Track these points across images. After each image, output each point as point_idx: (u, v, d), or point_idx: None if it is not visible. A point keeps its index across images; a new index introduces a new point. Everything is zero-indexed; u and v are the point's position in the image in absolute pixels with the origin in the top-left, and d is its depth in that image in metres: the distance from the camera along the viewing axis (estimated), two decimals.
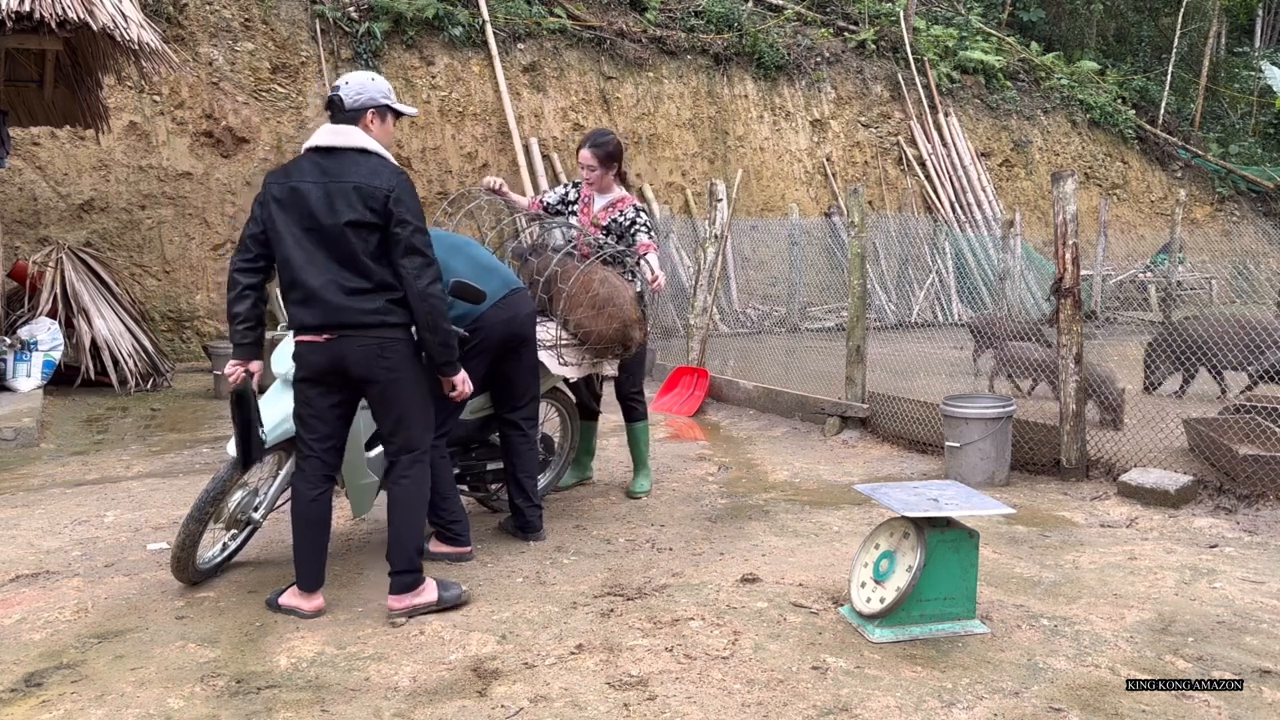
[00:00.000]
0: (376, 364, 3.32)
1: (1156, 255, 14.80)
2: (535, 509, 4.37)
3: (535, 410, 4.42)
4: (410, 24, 12.04)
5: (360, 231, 3.26)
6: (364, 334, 3.29)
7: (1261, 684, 2.96)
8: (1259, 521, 4.54)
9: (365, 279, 3.28)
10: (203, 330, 10.40)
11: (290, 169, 3.40)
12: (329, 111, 3.48)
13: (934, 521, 3.28)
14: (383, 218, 3.27)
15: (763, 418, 7.37)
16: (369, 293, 3.29)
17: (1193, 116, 20.82)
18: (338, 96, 3.45)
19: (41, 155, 9.87)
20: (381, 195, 3.26)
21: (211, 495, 3.59)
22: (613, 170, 4.91)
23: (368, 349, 3.30)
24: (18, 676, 3.02)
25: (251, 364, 3.45)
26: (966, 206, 15.45)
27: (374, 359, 3.31)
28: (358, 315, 3.28)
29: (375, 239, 3.28)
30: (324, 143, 3.36)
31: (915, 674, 3.01)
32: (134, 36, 6.72)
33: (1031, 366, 7.01)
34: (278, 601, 3.53)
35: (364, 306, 3.28)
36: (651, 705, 2.80)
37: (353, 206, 3.25)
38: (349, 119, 3.45)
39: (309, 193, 3.29)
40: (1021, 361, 7.12)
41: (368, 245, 3.28)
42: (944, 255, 14.33)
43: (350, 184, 3.27)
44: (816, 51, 15.66)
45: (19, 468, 5.83)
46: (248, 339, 3.42)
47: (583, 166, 4.87)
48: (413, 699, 2.86)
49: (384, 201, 3.26)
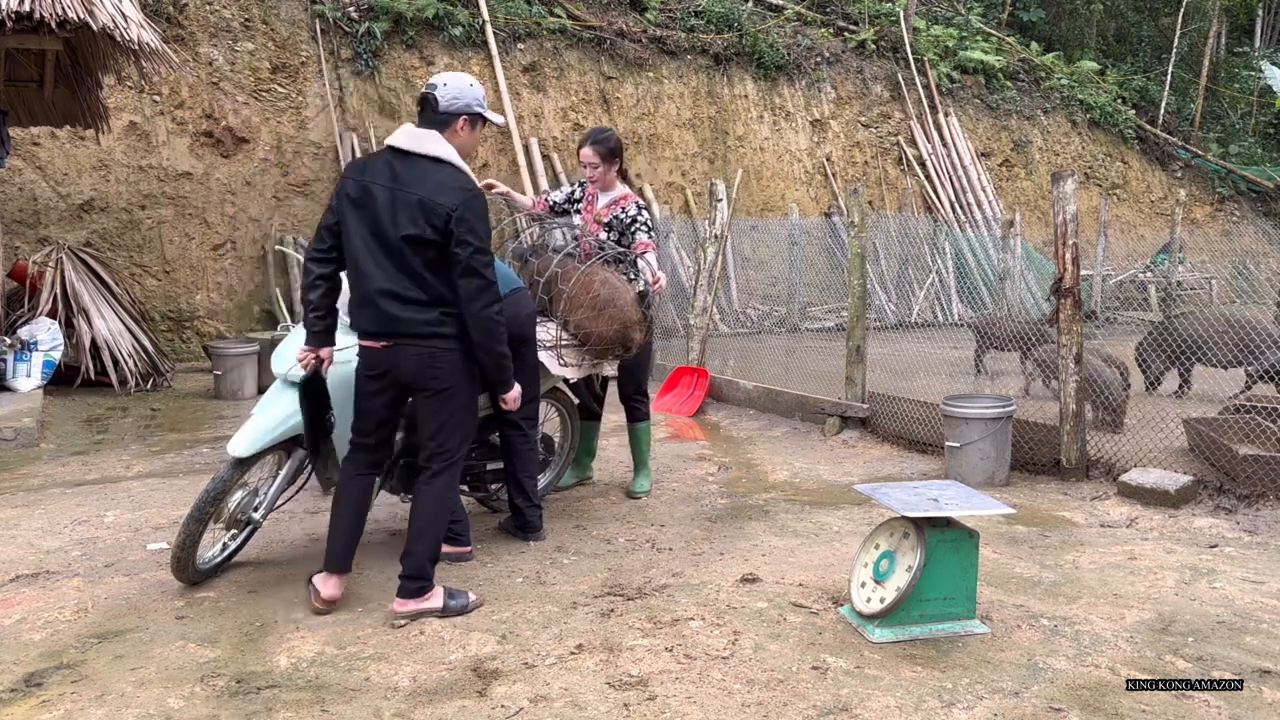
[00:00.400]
0: (426, 373, 3.34)
1: (1156, 255, 14.80)
2: (535, 509, 4.37)
3: (535, 410, 4.42)
4: (410, 24, 12.04)
5: (418, 246, 3.25)
6: (417, 344, 3.31)
7: (1261, 684, 2.96)
8: (1259, 521, 4.54)
9: (421, 290, 3.28)
10: (203, 330, 10.39)
11: (367, 166, 3.39)
12: (419, 109, 3.46)
13: (934, 521, 3.28)
14: (443, 235, 3.24)
15: (763, 418, 7.37)
16: (424, 304, 3.29)
17: (1193, 116, 20.82)
18: (432, 96, 3.41)
19: (41, 155, 9.87)
20: (444, 213, 3.23)
21: (212, 495, 3.59)
22: (615, 167, 4.91)
23: (419, 359, 3.33)
24: (18, 676, 3.02)
25: (322, 350, 3.50)
26: (966, 206, 15.45)
27: (424, 369, 3.34)
28: (411, 325, 3.29)
29: (434, 254, 3.27)
30: (402, 144, 3.34)
31: (915, 674, 3.01)
32: (134, 36, 6.72)
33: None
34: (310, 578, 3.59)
35: (418, 317, 3.29)
36: (651, 705, 2.81)
37: (414, 221, 3.23)
38: (440, 122, 3.41)
39: (377, 196, 3.29)
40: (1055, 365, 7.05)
41: (425, 259, 3.27)
42: (944, 255, 14.34)
43: (415, 196, 3.25)
44: (816, 51, 15.66)
45: (19, 468, 5.83)
46: (318, 326, 3.46)
47: (585, 165, 4.87)
48: (413, 699, 2.86)
49: (445, 220, 3.23)
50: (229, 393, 8.19)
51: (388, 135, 11.33)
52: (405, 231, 3.23)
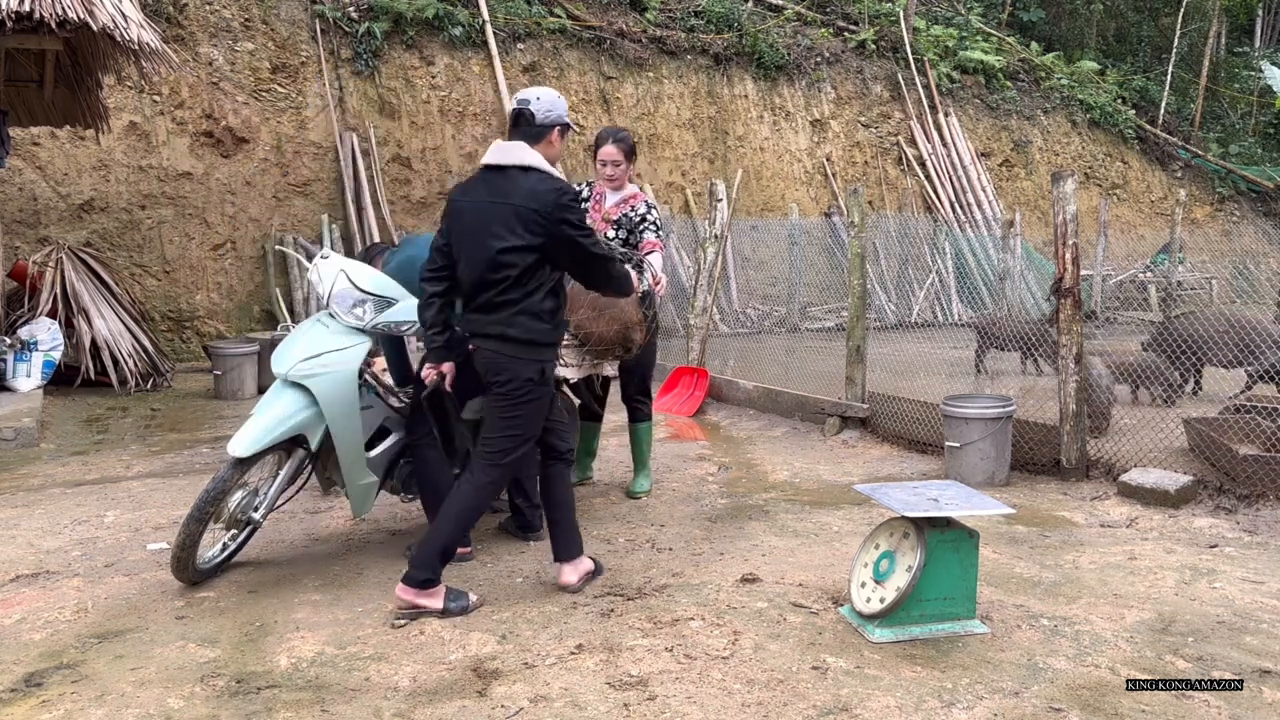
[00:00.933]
0: (500, 375, 3.46)
1: (1156, 255, 14.79)
2: (535, 509, 4.37)
3: None
4: (410, 24, 12.04)
5: (510, 254, 3.38)
6: (491, 345, 3.47)
7: (1261, 684, 2.96)
8: (1259, 521, 4.54)
9: (508, 297, 3.41)
10: (203, 330, 10.40)
11: (469, 186, 3.57)
12: (513, 125, 3.58)
13: (934, 521, 3.28)
14: (540, 236, 3.38)
15: (763, 418, 7.37)
16: (506, 310, 3.42)
17: (1193, 116, 20.82)
18: (528, 111, 3.56)
19: (41, 155, 9.87)
20: (541, 215, 3.37)
21: (212, 495, 3.59)
22: (633, 165, 4.93)
23: (496, 360, 3.47)
24: (18, 676, 3.02)
25: (443, 366, 3.66)
26: (966, 206, 15.45)
27: (499, 370, 3.46)
28: (487, 327, 3.46)
29: (528, 259, 3.40)
30: (495, 160, 3.50)
31: (915, 674, 3.01)
32: (134, 36, 6.72)
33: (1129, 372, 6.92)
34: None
35: (493, 320, 3.44)
36: (651, 705, 2.81)
37: (511, 229, 3.38)
38: (535, 135, 3.55)
39: (476, 211, 3.46)
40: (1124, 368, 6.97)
41: (517, 266, 3.40)
42: (944, 255, 14.33)
43: (510, 205, 3.40)
44: (816, 51, 15.66)
45: (19, 468, 5.83)
46: (436, 343, 3.62)
47: (606, 163, 4.85)
48: (413, 699, 2.86)
49: (542, 223, 3.38)
50: (229, 393, 8.19)
51: (387, 135, 11.36)
52: (500, 241, 3.37)
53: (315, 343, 3.79)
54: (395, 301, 3.91)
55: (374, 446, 4.00)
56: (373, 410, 3.98)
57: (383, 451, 4.04)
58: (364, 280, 3.90)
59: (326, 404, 3.70)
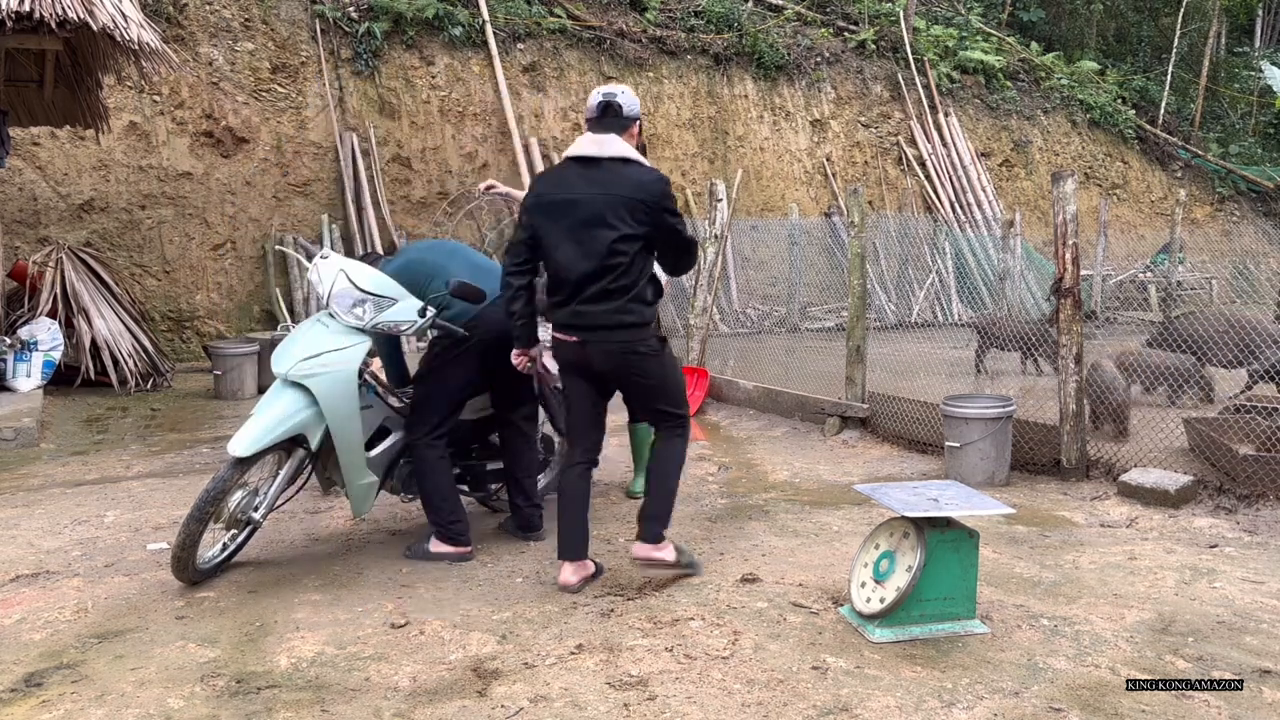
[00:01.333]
0: (625, 361, 3.61)
1: (1156, 255, 14.79)
2: (535, 509, 4.37)
3: (535, 411, 4.42)
4: (410, 24, 12.04)
5: (623, 243, 3.50)
6: (609, 335, 3.57)
7: (1261, 684, 2.96)
8: (1259, 521, 4.54)
9: (619, 284, 3.53)
10: (203, 330, 10.40)
11: (558, 179, 3.63)
12: (600, 117, 3.66)
13: (934, 521, 3.28)
14: (646, 225, 3.53)
15: (763, 418, 7.37)
16: (618, 297, 3.54)
17: (1193, 116, 20.82)
18: (615, 103, 3.67)
19: (41, 155, 9.87)
20: (649, 206, 3.52)
21: (212, 495, 3.59)
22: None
23: (610, 351, 3.59)
24: (18, 676, 3.02)
25: (531, 350, 3.82)
26: (966, 206, 15.45)
27: (618, 357, 3.60)
28: (601, 318, 3.55)
29: (635, 247, 3.53)
30: (590, 153, 3.57)
31: (915, 674, 3.01)
32: (134, 36, 6.72)
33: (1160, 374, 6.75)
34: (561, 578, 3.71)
35: (607, 309, 3.54)
36: (651, 705, 2.81)
37: (623, 219, 3.50)
38: (622, 127, 3.66)
39: (581, 203, 3.52)
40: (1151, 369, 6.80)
41: (628, 254, 3.52)
42: (944, 255, 14.33)
43: (621, 196, 3.51)
44: (816, 51, 15.66)
45: (19, 468, 5.83)
46: (524, 331, 3.76)
47: None
48: (413, 699, 2.86)
49: (649, 211, 3.53)
50: (229, 393, 8.19)
51: (387, 135, 11.34)
52: (616, 231, 3.49)
53: (315, 342, 3.79)
54: (395, 301, 3.90)
55: (374, 446, 4.00)
56: (373, 410, 3.98)
57: (383, 451, 4.04)
58: (364, 280, 3.90)
59: (326, 404, 3.70)
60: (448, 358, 4.02)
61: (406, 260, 4.19)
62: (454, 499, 4.09)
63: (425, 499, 4.08)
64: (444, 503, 4.03)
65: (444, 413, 4.04)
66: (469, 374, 4.05)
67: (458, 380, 4.05)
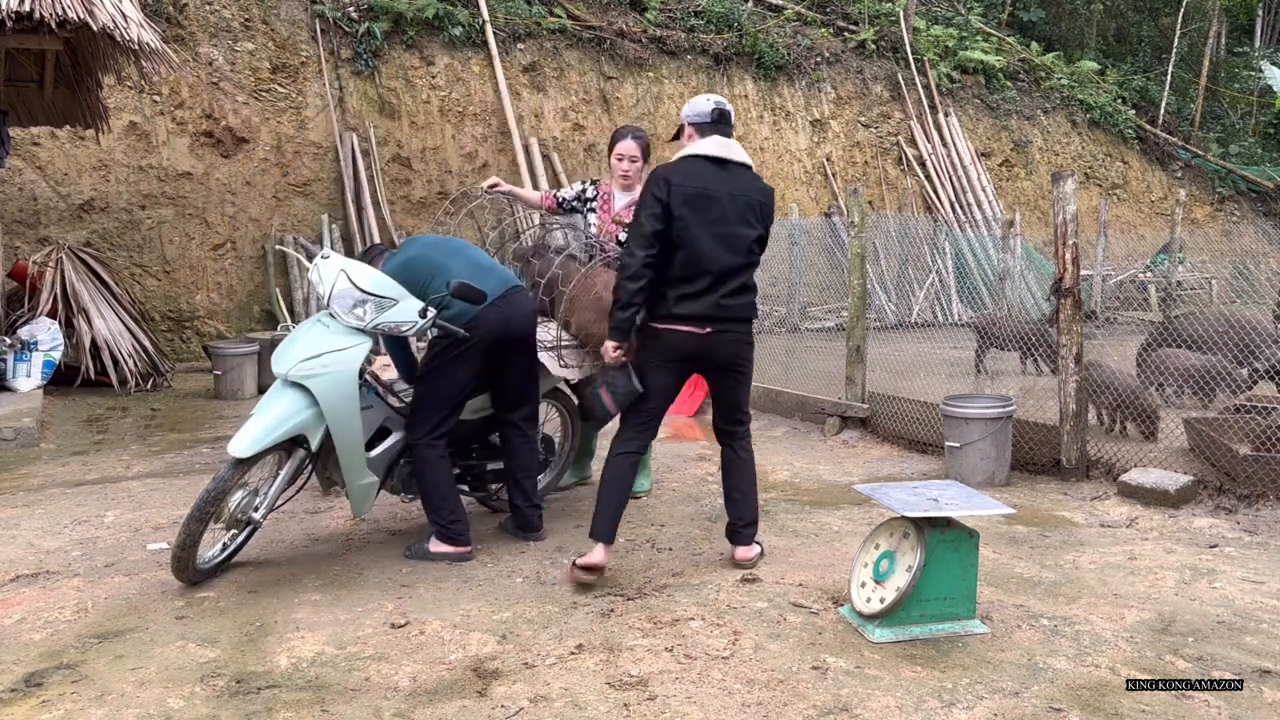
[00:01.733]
0: (740, 353, 3.84)
1: (1156, 255, 14.79)
2: (535, 509, 4.37)
3: (535, 411, 4.42)
4: (410, 24, 12.04)
5: (754, 243, 3.80)
6: (740, 327, 3.81)
7: (1261, 684, 2.96)
8: (1259, 521, 4.54)
9: (752, 281, 3.84)
10: (203, 330, 10.40)
11: (693, 173, 3.72)
12: (717, 122, 3.84)
13: (934, 521, 3.28)
14: (762, 228, 3.84)
15: (763, 418, 7.37)
16: (751, 293, 3.84)
17: (1193, 116, 20.82)
18: (729, 111, 3.89)
19: (41, 155, 9.87)
20: (766, 211, 3.85)
21: (212, 495, 3.59)
22: (648, 165, 4.90)
23: (738, 341, 3.81)
24: (18, 676, 3.02)
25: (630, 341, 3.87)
26: (966, 206, 15.44)
27: (740, 348, 3.83)
28: (738, 311, 3.78)
29: (757, 247, 3.83)
30: (721, 154, 3.76)
31: (915, 674, 3.01)
32: (134, 36, 6.72)
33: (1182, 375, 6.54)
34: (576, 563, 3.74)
35: (744, 304, 3.80)
36: (651, 705, 2.80)
37: (751, 221, 3.77)
38: (731, 133, 3.89)
39: (720, 200, 3.70)
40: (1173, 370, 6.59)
41: (757, 253, 3.84)
42: (944, 255, 14.33)
43: (750, 199, 3.78)
44: (816, 51, 15.66)
45: (19, 468, 5.83)
46: (631, 324, 3.78)
47: (624, 157, 4.78)
48: (413, 699, 2.86)
49: (766, 217, 3.86)
50: (229, 393, 8.20)
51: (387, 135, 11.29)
52: (753, 230, 3.77)
53: (316, 343, 3.79)
54: (396, 302, 3.90)
55: (374, 446, 4.00)
56: (373, 410, 3.98)
57: (383, 451, 4.04)
58: (364, 280, 3.89)
59: (327, 404, 3.70)
60: (447, 357, 4.02)
61: (408, 257, 4.18)
62: (454, 499, 4.09)
63: (425, 498, 4.08)
64: (444, 503, 4.03)
65: (444, 412, 4.04)
66: (469, 374, 4.05)
67: (458, 380, 4.04)
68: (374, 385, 4.02)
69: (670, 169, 3.73)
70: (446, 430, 4.06)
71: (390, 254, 4.32)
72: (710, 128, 3.82)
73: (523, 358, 4.20)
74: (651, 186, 3.68)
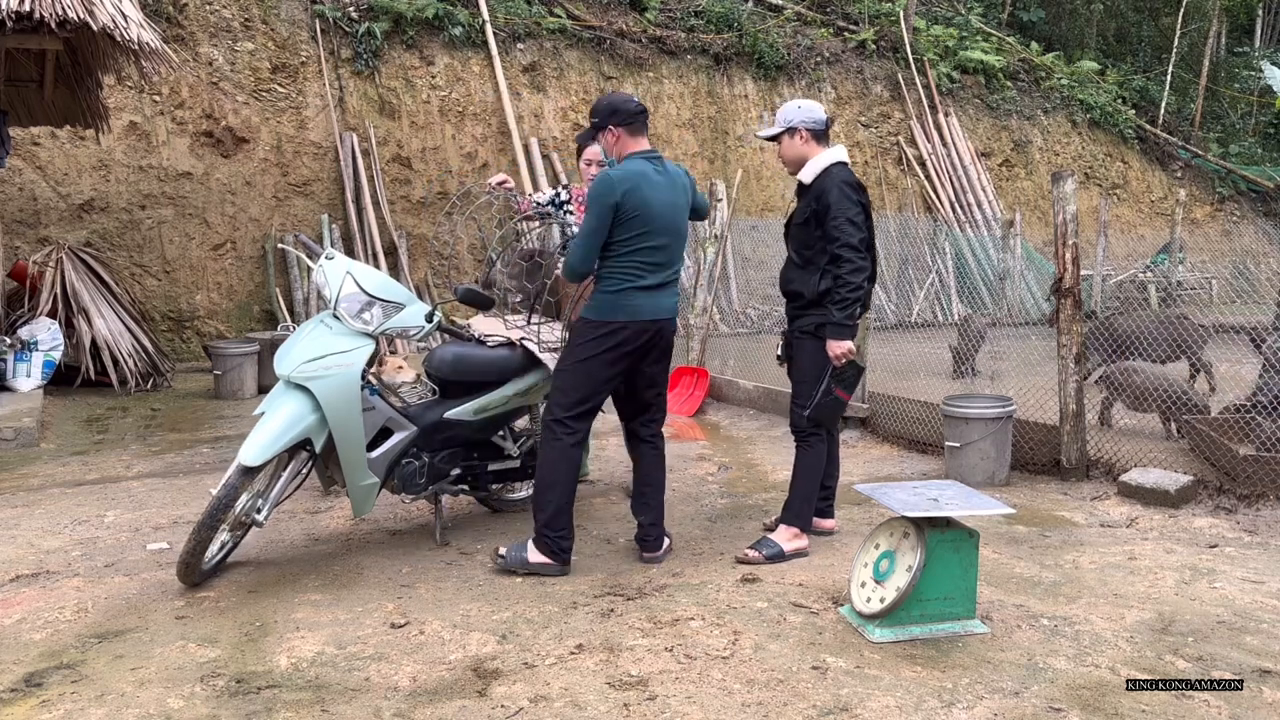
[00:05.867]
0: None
1: (1156, 255, 14.79)
2: (654, 527, 4.22)
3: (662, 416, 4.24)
4: (410, 24, 12.04)
5: None
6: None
7: (1261, 684, 2.96)
8: (1259, 521, 4.54)
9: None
10: (203, 330, 10.39)
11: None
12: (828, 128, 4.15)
13: (934, 521, 3.28)
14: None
15: (763, 418, 7.37)
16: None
17: (1193, 116, 20.82)
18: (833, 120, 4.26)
19: (41, 155, 9.87)
20: None
21: (223, 503, 3.60)
22: None
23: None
24: (18, 676, 3.02)
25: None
26: (966, 206, 15.44)
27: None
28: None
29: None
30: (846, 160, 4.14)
31: (915, 674, 3.01)
32: (134, 36, 6.71)
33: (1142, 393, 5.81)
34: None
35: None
36: (651, 705, 2.81)
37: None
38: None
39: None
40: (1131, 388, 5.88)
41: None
42: (944, 255, 14.32)
43: None
44: (816, 51, 15.66)
45: (19, 468, 5.83)
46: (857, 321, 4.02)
47: (593, 163, 4.77)
48: (413, 699, 2.86)
49: None
50: (229, 393, 8.20)
51: (387, 135, 11.28)
52: None
53: (319, 344, 3.79)
54: (403, 306, 3.90)
55: (375, 447, 4.00)
56: (374, 412, 3.97)
57: (384, 452, 4.04)
58: (370, 283, 3.90)
59: (329, 406, 3.70)
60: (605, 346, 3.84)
61: None
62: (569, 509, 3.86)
63: (539, 493, 3.86)
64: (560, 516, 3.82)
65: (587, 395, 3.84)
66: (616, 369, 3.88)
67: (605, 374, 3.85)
68: (375, 387, 4.02)
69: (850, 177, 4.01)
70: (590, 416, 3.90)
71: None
72: (825, 136, 4.14)
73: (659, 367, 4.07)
74: (853, 193, 3.95)
